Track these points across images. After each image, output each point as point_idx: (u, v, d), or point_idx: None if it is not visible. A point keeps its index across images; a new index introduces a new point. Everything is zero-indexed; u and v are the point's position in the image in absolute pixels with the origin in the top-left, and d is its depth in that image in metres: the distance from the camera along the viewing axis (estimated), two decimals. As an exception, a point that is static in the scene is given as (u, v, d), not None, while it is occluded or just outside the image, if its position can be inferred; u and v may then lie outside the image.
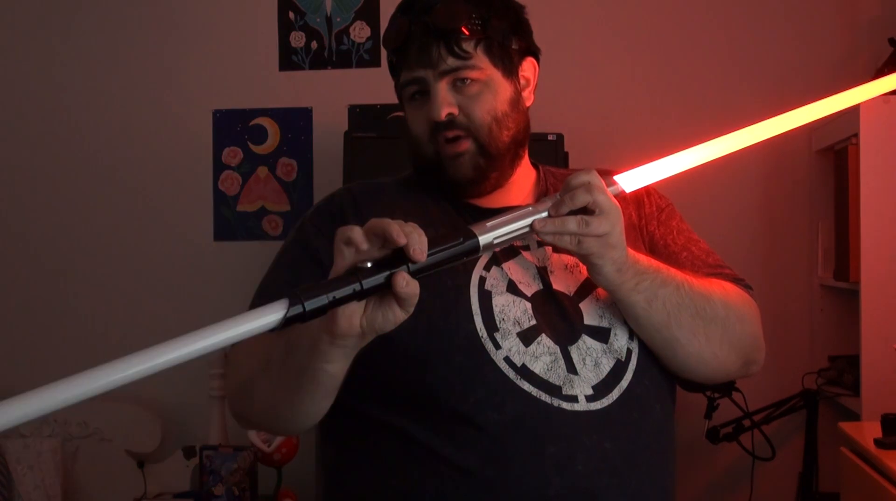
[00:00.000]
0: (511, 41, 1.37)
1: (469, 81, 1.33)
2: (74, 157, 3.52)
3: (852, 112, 2.67)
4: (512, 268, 1.33)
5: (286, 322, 0.94)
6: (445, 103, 1.32)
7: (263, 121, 3.43)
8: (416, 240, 1.01)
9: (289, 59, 3.41)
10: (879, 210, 2.62)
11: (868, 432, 2.24)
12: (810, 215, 3.17)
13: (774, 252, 3.25)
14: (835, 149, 2.92)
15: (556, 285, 1.32)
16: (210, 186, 3.44)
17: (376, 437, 1.29)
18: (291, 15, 3.40)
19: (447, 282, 1.29)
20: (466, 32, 1.32)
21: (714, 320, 1.30)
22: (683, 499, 3.26)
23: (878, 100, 2.64)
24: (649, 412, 1.30)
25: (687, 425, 3.20)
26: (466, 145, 1.33)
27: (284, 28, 3.41)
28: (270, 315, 0.94)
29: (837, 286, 2.91)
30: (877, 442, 2.13)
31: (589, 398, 1.26)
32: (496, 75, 1.35)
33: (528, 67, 1.41)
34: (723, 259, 1.53)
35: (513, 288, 1.31)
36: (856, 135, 2.65)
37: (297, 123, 3.40)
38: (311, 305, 0.95)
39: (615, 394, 1.27)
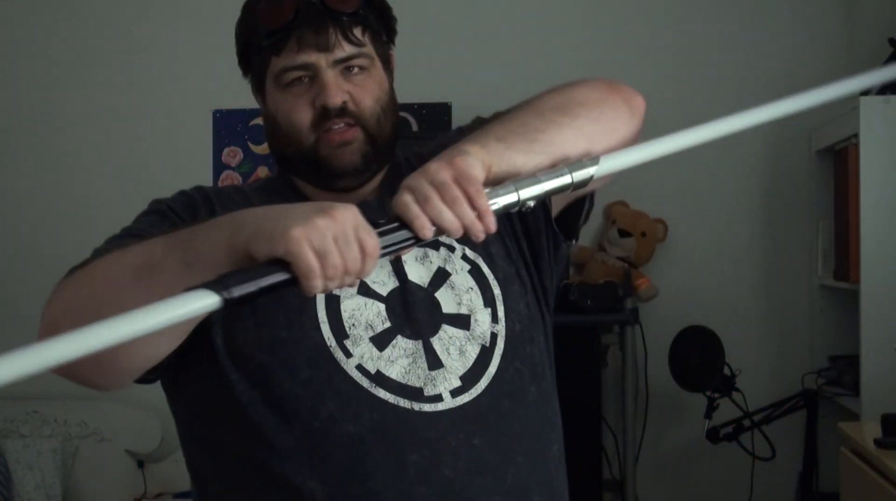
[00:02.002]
0: (385, 32, 1.32)
1: (356, 69, 1.26)
2: (74, 157, 3.52)
3: (852, 112, 2.67)
4: None
5: (226, 306, 0.86)
6: (340, 90, 1.24)
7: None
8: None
9: (289, 59, 3.41)
10: (879, 210, 2.63)
11: (868, 432, 2.24)
12: (810, 215, 3.17)
13: (774, 252, 3.26)
14: (835, 149, 2.92)
15: (412, 277, 1.25)
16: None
17: (231, 470, 1.21)
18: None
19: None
20: (358, 18, 1.25)
21: (554, 123, 1.13)
22: (683, 499, 3.27)
23: (878, 100, 2.64)
24: (523, 396, 1.23)
25: (687, 425, 3.21)
26: (354, 133, 1.25)
27: (284, 28, 3.40)
28: (204, 300, 0.85)
29: (837, 286, 2.91)
30: (877, 442, 2.13)
31: (455, 393, 1.19)
32: (378, 65, 1.29)
33: (393, 59, 1.35)
34: None
35: (365, 289, 1.22)
36: (856, 135, 2.65)
37: (297, 123, 3.40)
38: (239, 291, 0.87)
39: (483, 383, 1.20)
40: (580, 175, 1.04)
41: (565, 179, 1.03)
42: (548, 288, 1.35)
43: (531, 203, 1.02)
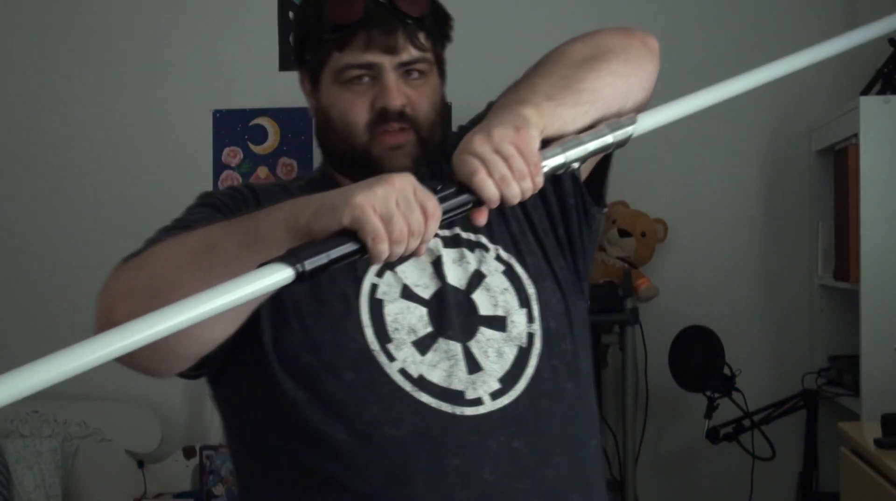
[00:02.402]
0: (442, 38, 1.33)
1: (416, 74, 1.27)
2: (74, 157, 3.51)
3: (852, 112, 2.67)
4: (407, 270, 1.25)
5: (298, 279, 0.88)
6: (401, 93, 1.25)
7: (263, 121, 3.43)
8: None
9: (289, 59, 3.41)
10: (879, 210, 2.63)
11: (868, 432, 2.24)
12: (810, 215, 3.17)
13: (774, 252, 3.26)
14: (835, 149, 2.92)
15: (450, 280, 1.26)
16: (210, 187, 3.44)
17: (275, 468, 1.23)
18: (291, 15, 3.41)
19: (335, 292, 1.21)
20: (423, 23, 1.27)
21: (593, 73, 1.17)
22: (683, 499, 3.26)
23: (878, 100, 2.64)
24: (561, 396, 1.24)
25: (687, 425, 3.21)
26: (408, 137, 1.26)
27: (284, 28, 3.41)
28: (278, 274, 0.86)
29: (837, 286, 2.91)
30: (877, 442, 2.13)
31: (494, 395, 1.20)
32: (435, 72, 1.31)
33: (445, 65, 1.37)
34: None
35: (407, 293, 1.24)
36: (856, 135, 2.65)
37: (297, 123, 3.40)
38: (311, 264, 0.88)
39: (522, 384, 1.21)
40: (620, 135, 1.09)
41: (607, 139, 1.08)
42: (581, 271, 1.35)
43: (575, 164, 1.06)
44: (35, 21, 3.55)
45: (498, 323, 1.25)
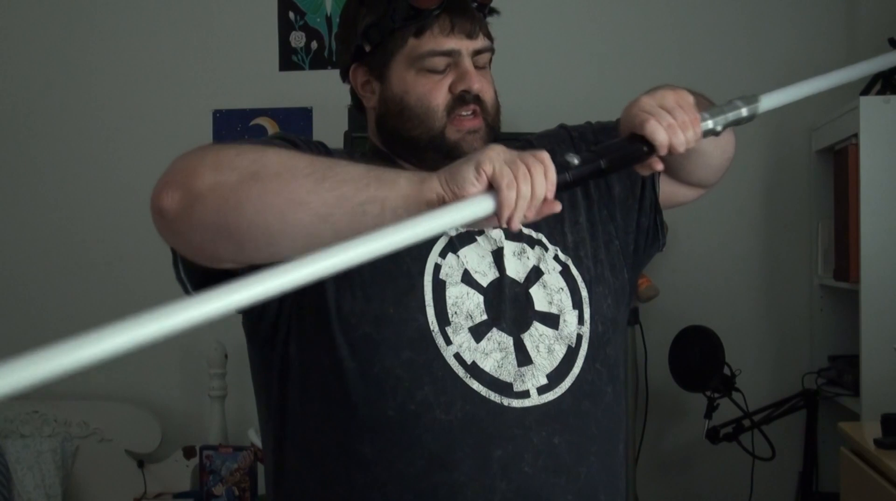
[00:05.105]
0: None
1: (482, 63, 1.30)
2: (74, 156, 3.52)
3: (852, 112, 2.67)
4: (468, 255, 1.27)
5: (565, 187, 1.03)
6: (477, 78, 1.27)
7: (263, 121, 3.43)
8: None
9: (289, 59, 3.41)
10: (879, 210, 2.62)
11: (868, 432, 2.24)
12: (810, 215, 3.17)
13: (774, 252, 3.25)
14: (835, 149, 2.92)
15: (509, 272, 1.28)
16: (210, 187, 3.44)
17: (315, 442, 1.23)
18: (291, 15, 3.41)
19: (400, 267, 1.22)
20: (487, 13, 1.31)
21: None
22: (683, 499, 3.26)
23: (878, 100, 2.64)
24: (601, 398, 1.27)
25: (687, 425, 3.21)
26: (480, 122, 1.28)
27: (284, 28, 3.41)
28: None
29: (837, 286, 2.91)
30: (877, 442, 2.13)
31: (541, 390, 1.22)
32: (490, 63, 1.34)
33: None
34: None
35: (468, 278, 1.26)
36: (856, 135, 2.65)
37: (297, 123, 3.40)
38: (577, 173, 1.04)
39: (567, 383, 1.24)
40: (751, 109, 1.19)
41: (741, 112, 1.18)
42: (634, 284, 1.41)
43: (719, 128, 1.16)
44: (35, 21, 3.55)
45: (551, 320, 1.27)
